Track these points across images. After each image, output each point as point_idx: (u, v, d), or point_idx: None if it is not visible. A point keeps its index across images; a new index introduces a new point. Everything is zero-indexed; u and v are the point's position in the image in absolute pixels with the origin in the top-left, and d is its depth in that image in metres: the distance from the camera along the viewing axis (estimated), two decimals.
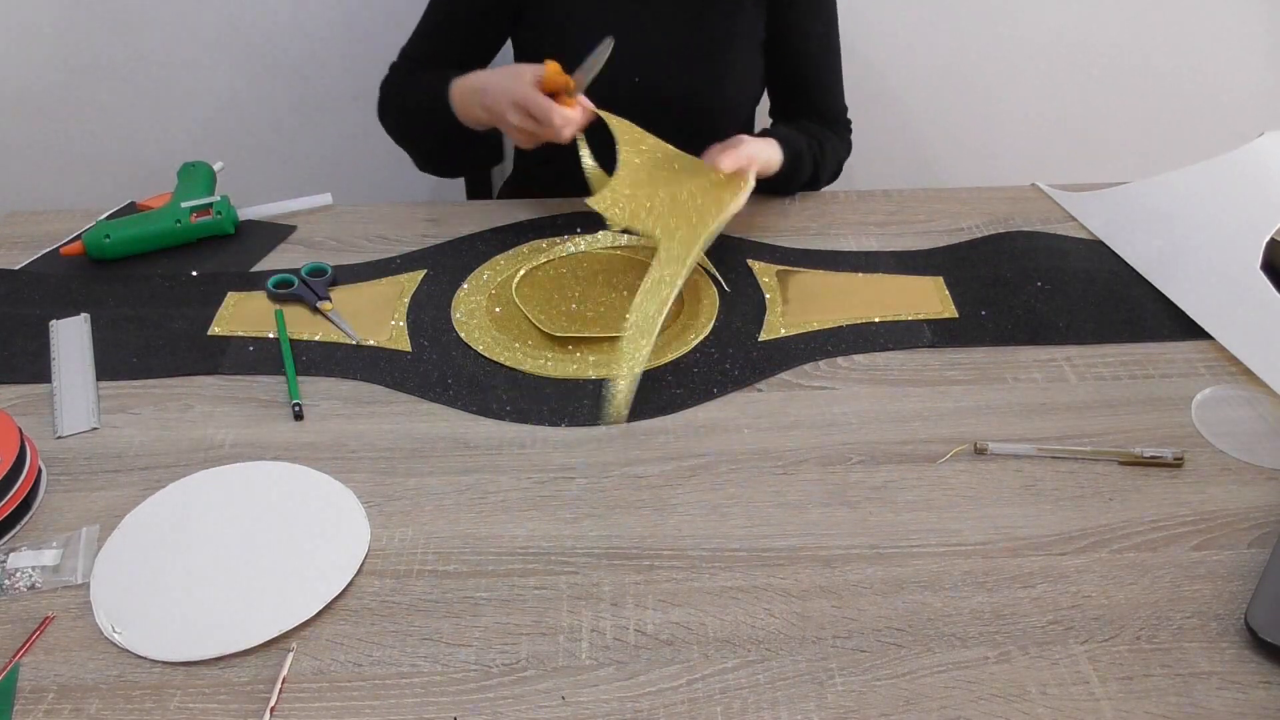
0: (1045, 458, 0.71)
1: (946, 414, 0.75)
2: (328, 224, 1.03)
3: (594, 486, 0.69)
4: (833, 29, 1.09)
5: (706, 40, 1.04)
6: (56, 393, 0.77)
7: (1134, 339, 0.83)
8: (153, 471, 0.70)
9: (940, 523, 0.66)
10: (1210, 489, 0.68)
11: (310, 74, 1.48)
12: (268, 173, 1.57)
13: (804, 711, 0.54)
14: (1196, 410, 0.75)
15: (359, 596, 0.61)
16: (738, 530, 0.65)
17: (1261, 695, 0.54)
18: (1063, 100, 1.59)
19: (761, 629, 0.58)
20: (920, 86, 1.55)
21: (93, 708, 0.54)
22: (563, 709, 0.54)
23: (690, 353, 0.82)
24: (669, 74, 1.03)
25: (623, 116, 0.94)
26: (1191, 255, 0.90)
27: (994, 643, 0.57)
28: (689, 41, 1.04)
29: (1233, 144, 0.99)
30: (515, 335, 0.84)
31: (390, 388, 0.78)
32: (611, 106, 0.95)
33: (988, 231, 1.00)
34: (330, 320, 0.86)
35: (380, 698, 0.54)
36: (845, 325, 0.85)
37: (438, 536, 0.65)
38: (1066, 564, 0.62)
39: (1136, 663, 0.56)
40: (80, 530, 0.65)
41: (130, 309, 0.88)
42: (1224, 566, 0.62)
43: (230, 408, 0.76)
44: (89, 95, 1.50)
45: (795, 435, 0.73)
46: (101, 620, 0.58)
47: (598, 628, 0.58)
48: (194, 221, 0.98)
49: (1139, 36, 1.53)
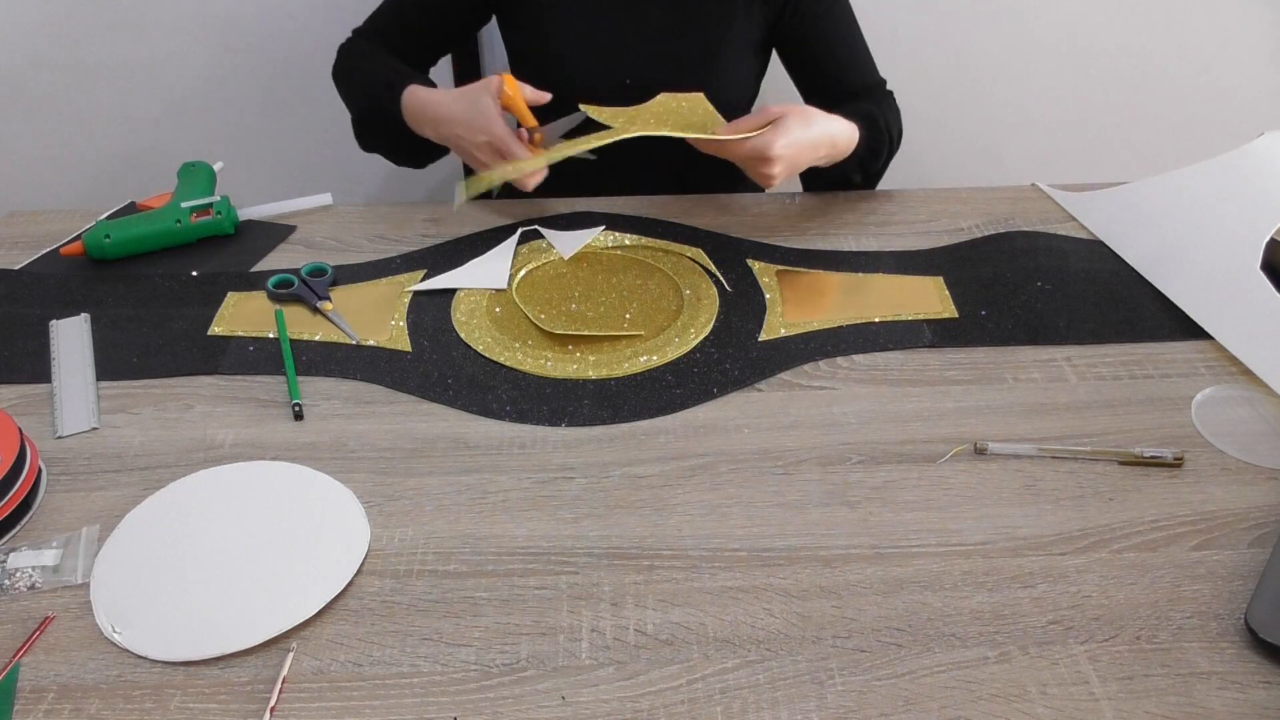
0: (1045, 458, 0.71)
1: (946, 414, 0.75)
2: (328, 224, 1.03)
3: (594, 486, 0.69)
4: (843, 5, 1.07)
5: (697, 42, 1.04)
6: (56, 393, 0.77)
7: (1134, 339, 0.83)
8: (153, 471, 0.70)
9: (940, 523, 0.66)
10: (1210, 489, 0.68)
11: (311, 74, 1.48)
12: (268, 173, 1.57)
13: (804, 711, 0.54)
14: (1196, 410, 0.75)
15: (359, 596, 0.61)
16: (738, 530, 0.65)
17: (1261, 695, 0.54)
18: (1063, 100, 1.59)
19: (761, 629, 0.58)
20: (920, 86, 1.55)
21: (93, 708, 0.54)
22: (563, 709, 0.54)
23: (690, 353, 0.82)
24: (659, 76, 1.03)
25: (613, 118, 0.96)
26: (1191, 255, 0.90)
27: (994, 643, 0.57)
28: (679, 44, 1.04)
29: (1233, 144, 0.99)
30: (515, 335, 0.84)
31: (390, 388, 0.78)
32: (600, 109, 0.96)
33: (988, 231, 1.00)
34: (330, 320, 0.86)
35: (380, 698, 0.54)
36: (845, 325, 0.85)
37: (438, 536, 0.65)
38: (1066, 564, 0.62)
39: (1136, 663, 0.56)
40: (80, 530, 0.65)
41: (130, 309, 0.88)
42: (1224, 566, 0.62)
43: (230, 408, 0.76)
44: (89, 95, 1.50)
45: (795, 435, 0.73)
46: (101, 620, 0.58)
47: (598, 628, 0.58)
48: (194, 221, 0.98)
49: (1139, 37, 1.53)
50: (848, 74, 1.09)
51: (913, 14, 1.48)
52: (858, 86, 1.09)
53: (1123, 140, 1.64)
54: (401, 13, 1.08)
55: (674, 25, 1.03)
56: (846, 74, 1.09)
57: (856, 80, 1.09)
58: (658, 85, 1.03)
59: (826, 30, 1.07)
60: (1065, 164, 1.65)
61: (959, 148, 1.62)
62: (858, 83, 1.09)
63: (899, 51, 1.50)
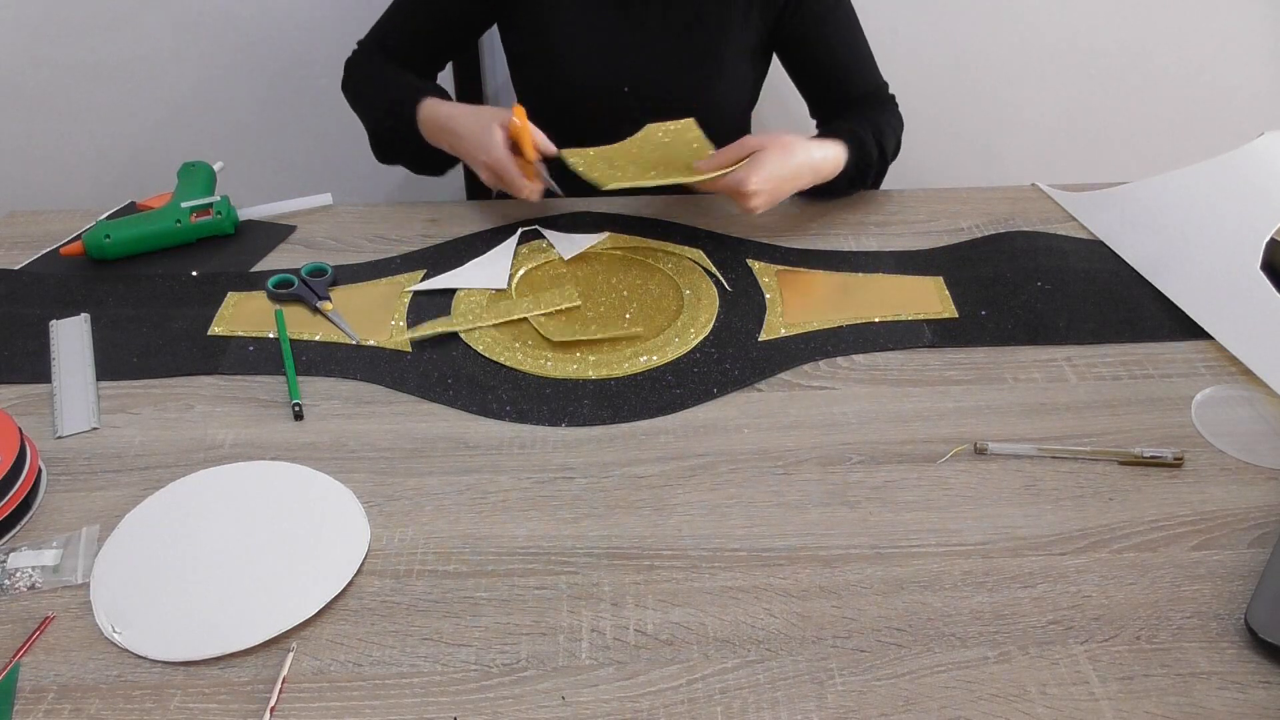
0: (1045, 458, 0.71)
1: (946, 414, 0.75)
2: (328, 224, 1.03)
3: (594, 486, 0.69)
4: (846, 8, 1.06)
5: (695, 48, 1.04)
6: (56, 393, 0.77)
7: (1134, 339, 0.83)
8: (153, 471, 0.70)
9: (940, 523, 0.66)
10: (1210, 489, 0.68)
11: (311, 74, 1.48)
12: (268, 173, 1.57)
13: (804, 711, 0.54)
14: (1196, 410, 0.75)
15: (359, 596, 0.61)
16: (738, 530, 0.65)
17: (1261, 695, 0.54)
18: (1063, 100, 1.59)
19: (761, 629, 0.58)
20: (921, 86, 1.54)
21: (93, 708, 0.54)
22: (563, 709, 0.54)
23: (690, 353, 0.82)
24: (658, 82, 1.03)
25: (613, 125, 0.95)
26: (1191, 255, 0.90)
27: (994, 643, 0.57)
28: (677, 50, 1.04)
29: (1233, 144, 0.99)
30: (515, 335, 0.84)
31: (390, 388, 0.78)
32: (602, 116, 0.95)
33: (988, 231, 1.00)
34: (330, 320, 0.86)
35: (380, 698, 0.54)
36: (845, 325, 0.85)
37: (438, 536, 0.65)
38: (1066, 564, 0.62)
39: (1136, 663, 0.56)
40: (80, 530, 0.65)
41: (130, 309, 0.88)
42: (1224, 566, 0.62)
43: (230, 408, 0.76)
44: (89, 95, 1.50)
45: (795, 435, 0.73)
46: (101, 620, 0.58)
47: (598, 628, 0.58)
48: (194, 221, 0.98)
49: (1139, 36, 1.52)
50: (850, 78, 1.07)
51: (913, 14, 1.48)
52: (859, 92, 1.08)
53: (1123, 140, 1.64)
54: (406, 21, 1.08)
55: (672, 31, 1.03)
56: (848, 78, 1.07)
57: (858, 85, 1.08)
58: (656, 92, 1.03)
59: (828, 33, 1.06)
60: (1065, 164, 1.65)
61: (959, 148, 1.62)
62: (859, 88, 1.08)
63: (899, 51, 1.49)
